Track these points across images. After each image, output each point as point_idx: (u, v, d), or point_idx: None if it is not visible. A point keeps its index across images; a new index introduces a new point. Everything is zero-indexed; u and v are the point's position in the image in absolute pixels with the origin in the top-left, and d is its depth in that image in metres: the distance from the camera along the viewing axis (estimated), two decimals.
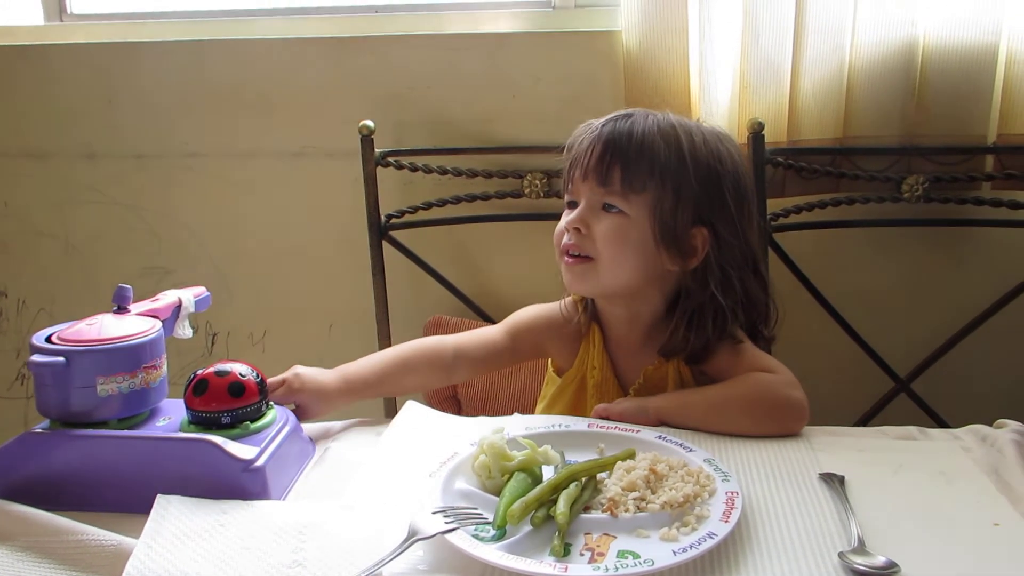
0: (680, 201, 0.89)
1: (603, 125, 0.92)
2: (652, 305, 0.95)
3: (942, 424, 1.34)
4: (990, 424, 0.86)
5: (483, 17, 1.48)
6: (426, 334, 1.42)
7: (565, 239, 0.92)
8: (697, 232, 0.90)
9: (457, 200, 1.41)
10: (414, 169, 1.40)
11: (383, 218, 1.40)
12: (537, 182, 1.40)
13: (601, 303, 0.98)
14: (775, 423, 0.85)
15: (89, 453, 0.73)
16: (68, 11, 1.58)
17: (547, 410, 1.02)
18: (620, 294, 0.94)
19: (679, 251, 0.90)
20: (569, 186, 0.94)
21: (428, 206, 1.41)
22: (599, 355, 0.97)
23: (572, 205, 0.94)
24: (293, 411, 0.86)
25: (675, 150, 0.89)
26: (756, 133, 1.29)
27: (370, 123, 1.36)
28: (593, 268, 0.91)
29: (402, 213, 1.41)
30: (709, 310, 0.91)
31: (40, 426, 0.75)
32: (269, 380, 0.88)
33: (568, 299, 1.00)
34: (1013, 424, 0.85)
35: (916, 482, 0.75)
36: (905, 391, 1.40)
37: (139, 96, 1.49)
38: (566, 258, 0.92)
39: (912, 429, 0.87)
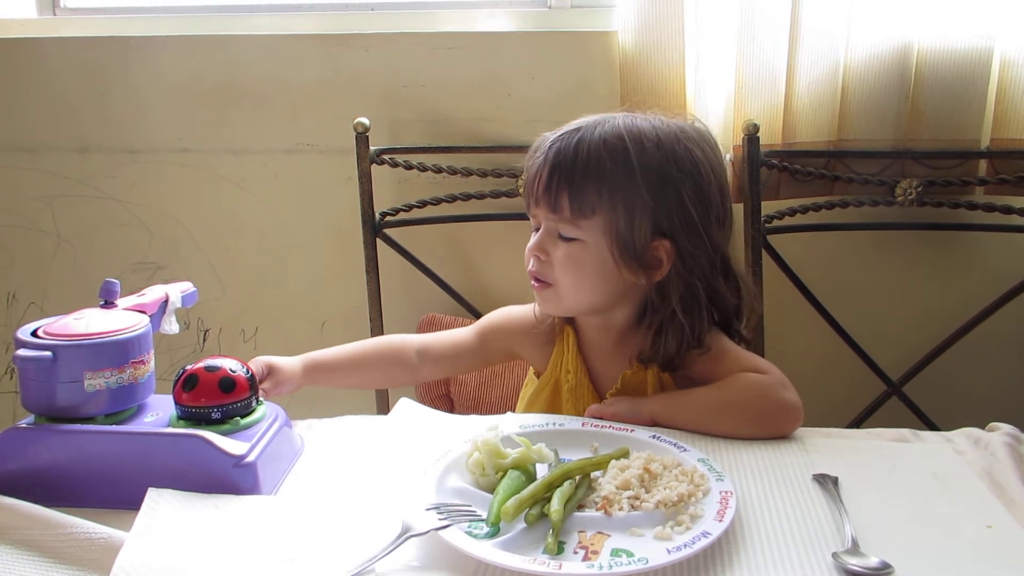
0: (634, 218, 0.86)
1: (550, 145, 0.89)
2: (623, 314, 0.94)
3: (933, 428, 1.35)
4: (982, 428, 0.86)
5: (479, 16, 1.47)
6: (419, 332, 1.41)
7: (529, 264, 0.91)
8: (659, 244, 0.87)
9: (452, 199, 1.41)
10: (409, 167, 1.40)
11: (377, 216, 1.40)
12: None
13: None
14: (770, 425, 0.84)
15: (76, 448, 0.72)
16: (61, 4, 1.57)
17: (524, 412, 1.01)
18: (587, 312, 0.94)
19: (641, 266, 0.88)
20: (529, 208, 0.92)
21: (423, 204, 1.41)
22: (573, 359, 0.96)
23: (536, 226, 0.92)
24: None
25: (622, 165, 0.85)
26: (751, 135, 1.29)
27: (365, 120, 1.36)
28: (555, 293, 0.90)
29: (396, 211, 1.41)
30: (677, 323, 0.89)
31: (25, 421, 0.74)
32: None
33: None
34: (1006, 427, 0.85)
35: (909, 484, 0.75)
36: (897, 394, 1.41)
37: (132, 91, 1.48)
38: (533, 282, 0.92)
39: (905, 431, 0.87)
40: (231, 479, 0.71)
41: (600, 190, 0.85)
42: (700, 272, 0.89)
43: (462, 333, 1.02)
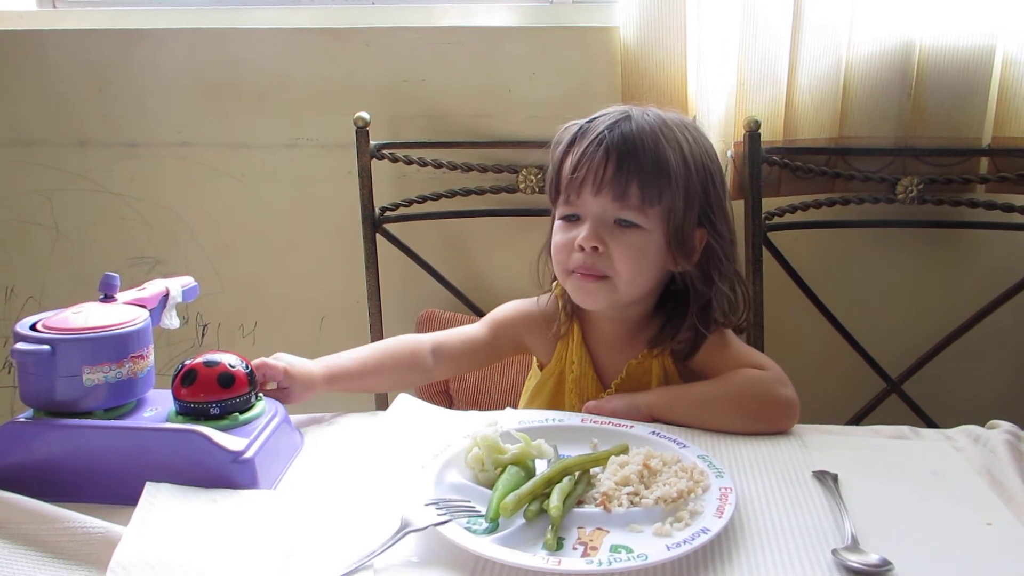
0: (688, 206, 0.88)
1: (609, 130, 0.87)
2: (645, 306, 0.95)
3: (933, 425, 1.35)
4: (981, 426, 0.86)
5: (479, 10, 1.47)
6: (418, 328, 1.41)
7: (577, 258, 0.88)
8: (698, 232, 0.90)
9: (452, 194, 1.40)
10: (409, 162, 1.39)
11: (377, 211, 1.39)
12: (532, 177, 1.39)
13: None
14: (765, 421, 0.85)
15: (74, 443, 0.72)
16: None
17: (528, 404, 1.02)
18: (629, 303, 0.93)
19: (684, 253, 0.90)
20: (570, 197, 0.89)
21: (422, 200, 1.41)
22: (578, 350, 0.97)
23: (570, 218, 0.90)
24: (275, 393, 0.86)
25: (679, 154, 0.87)
26: (752, 131, 1.29)
27: (365, 115, 1.35)
28: (609, 285, 0.88)
29: (396, 206, 1.40)
30: (714, 304, 0.91)
31: (24, 415, 0.74)
32: (259, 361, 0.86)
33: (547, 295, 0.99)
34: (1005, 425, 0.85)
35: (909, 481, 0.75)
36: (896, 392, 1.41)
37: (131, 84, 1.48)
38: (577, 275, 0.89)
39: (905, 429, 0.87)
40: (229, 475, 0.71)
41: (669, 179, 0.86)
42: (730, 255, 0.92)
43: (473, 330, 1.01)
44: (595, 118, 0.90)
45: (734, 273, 0.93)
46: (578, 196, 0.88)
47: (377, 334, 1.41)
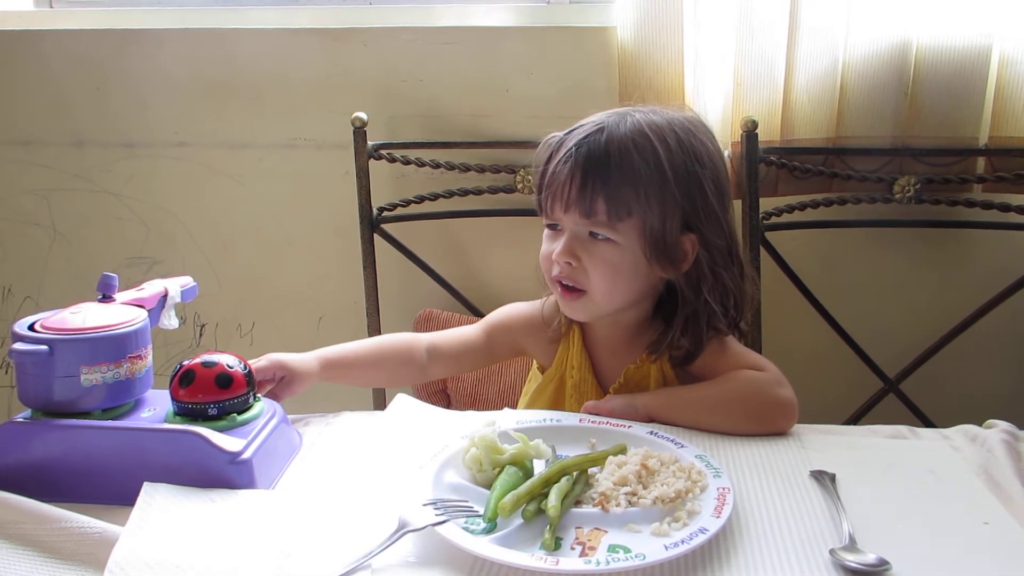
0: (667, 215, 0.86)
1: (577, 147, 0.86)
2: (640, 311, 0.94)
3: (930, 425, 1.35)
4: (979, 425, 0.86)
5: (477, 10, 1.47)
6: (416, 328, 1.41)
7: (555, 270, 0.89)
8: (686, 238, 0.89)
9: (449, 194, 1.40)
10: (407, 162, 1.39)
11: (375, 211, 1.39)
12: (530, 177, 1.39)
13: None
14: (764, 422, 0.84)
15: (72, 444, 0.72)
16: None
17: (528, 408, 1.01)
18: (616, 312, 0.93)
19: (670, 261, 0.88)
20: (549, 211, 0.90)
21: (420, 200, 1.41)
22: (579, 355, 0.96)
23: (553, 227, 0.91)
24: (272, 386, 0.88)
25: (654, 164, 0.85)
26: (750, 132, 1.29)
27: (363, 115, 1.35)
28: (589, 299, 0.89)
29: (394, 206, 1.40)
30: (704, 313, 0.90)
31: (22, 415, 0.74)
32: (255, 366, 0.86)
33: (550, 299, 0.99)
34: (1003, 424, 0.85)
35: (906, 480, 0.75)
36: (894, 391, 1.41)
37: (129, 84, 1.48)
38: (559, 287, 0.90)
39: (902, 428, 0.87)
40: (227, 476, 0.71)
41: (637, 192, 0.85)
42: (722, 260, 0.90)
43: (469, 331, 1.01)
44: (572, 130, 0.90)
45: (732, 279, 0.92)
46: (552, 211, 0.90)
47: (375, 334, 1.40)
